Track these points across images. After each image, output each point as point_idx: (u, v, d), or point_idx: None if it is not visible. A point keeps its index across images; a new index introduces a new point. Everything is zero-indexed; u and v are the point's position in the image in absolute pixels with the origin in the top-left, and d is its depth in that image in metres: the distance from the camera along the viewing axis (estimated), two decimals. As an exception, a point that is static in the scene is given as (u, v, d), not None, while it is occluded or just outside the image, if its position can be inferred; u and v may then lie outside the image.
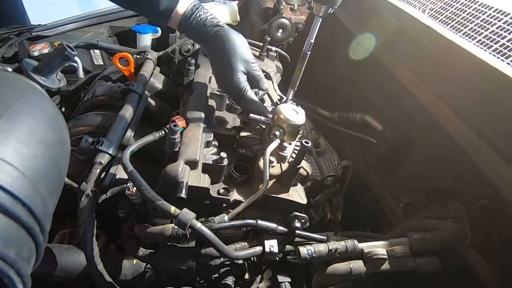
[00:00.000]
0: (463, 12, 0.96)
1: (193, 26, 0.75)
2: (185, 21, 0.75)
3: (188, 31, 0.77)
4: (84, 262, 0.65)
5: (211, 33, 0.75)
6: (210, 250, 0.68)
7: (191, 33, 0.78)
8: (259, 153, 0.76)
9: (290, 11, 1.53)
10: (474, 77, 0.80)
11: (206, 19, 0.75)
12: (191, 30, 0.76)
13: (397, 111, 1.06)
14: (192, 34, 0.78)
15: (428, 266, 0.70)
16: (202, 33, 0.75)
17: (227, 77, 0.75)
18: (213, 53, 0.77)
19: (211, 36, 0.75)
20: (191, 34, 0.78)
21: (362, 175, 1.16)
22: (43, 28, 1.28)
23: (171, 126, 0.64)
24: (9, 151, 0.36)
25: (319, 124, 1.35)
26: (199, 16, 0.75)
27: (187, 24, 0.75)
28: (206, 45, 0.78)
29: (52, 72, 0.94)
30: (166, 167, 0.64)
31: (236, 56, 0.74)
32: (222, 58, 0.75)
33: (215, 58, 0.77)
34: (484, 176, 0.69)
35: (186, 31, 0.78)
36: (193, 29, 0.75)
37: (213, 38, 0.75)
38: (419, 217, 0.88)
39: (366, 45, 1.18)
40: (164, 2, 0.72)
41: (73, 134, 0.78)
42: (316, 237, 0.73)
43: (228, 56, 0.74)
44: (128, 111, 0.80)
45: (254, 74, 0.79)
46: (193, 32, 0.76)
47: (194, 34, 0.77)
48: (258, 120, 0.76)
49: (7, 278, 0.33)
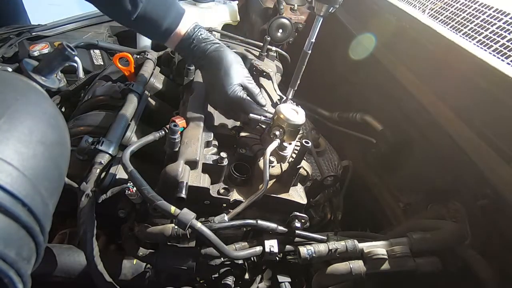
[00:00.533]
0: (463, 12, 0.96)
1: (193, 45, 0.77)
2: (185, 41, 0.77)
3: (185, 50, 0.79)
4: (84, 262, 0.65)
5: (209, 49, 0.77)
6: (210, 250, 0.68)
7: (187, 52, 0.79)
8: (259, 153, 0.76)
9: (290, 11, 1.53)
10: (474, 77, 0.80)
11: (206, 38, 0.78)
12: (189, 49, 0.78)
13: (397, 111, 1.06)
14: (189, 53, 0.79)
15: (428, 266, 0.70)
16: (201, 51, 0.78)
17: (225, 88, 0.75)
18: (210, 67, 0.78)
19: (208, 53, 0.77)
20: (187, 53, 0.80)
21: (362, 175, 1.16)
22: (43, 28, 1.28)
23: (171, 126, 0.64)
24: (9, 151, 0.36)
25: (319, 124, 1.35)
26: (200, 35, 0.78)
27: (187, 43, 0.77)
28: (203, 61, 0.79)
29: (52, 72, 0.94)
30: (166, 167, 0.64)
31: (233, 68, 0.76)
32: (219, 71, 0.76)
33: (212, 71, 0.78)
34: (484, 176, 0.69)
35: (183, 50, 0.80)
36: (192, 48, 0.78)
37: (211, 54, 0.77)
38: (419, 217, 0.88)
39: (366, 45, 1.18)
40: (166, 23, 0.74)
41: (73, 134, 0.78)
42: (316, 237, 0.73)
43: (225, 69, 0.76)
44: (128, 111, 0.80)
45: (250, 88, 0.79)
46: (190, 51, 0.78)
47: (191, 53, 0.79)
48: (258, 120, 0.76)
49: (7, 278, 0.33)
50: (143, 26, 0.75)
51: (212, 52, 0.77)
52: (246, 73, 0.80)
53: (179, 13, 0.76)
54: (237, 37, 1.25)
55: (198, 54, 0.78)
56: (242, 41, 1.24)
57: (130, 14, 0.70)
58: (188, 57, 0.82)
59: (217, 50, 0.77)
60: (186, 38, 0.77)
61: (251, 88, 0.80)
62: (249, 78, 0.80)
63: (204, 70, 0.81)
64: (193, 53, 0.79)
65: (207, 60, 0.78)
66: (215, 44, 0.78)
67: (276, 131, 0.72)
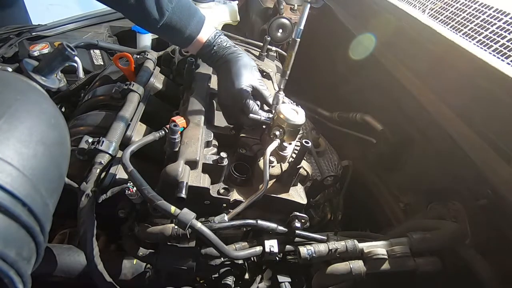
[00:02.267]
0: (463, 12, 0.96)
1: (213, 51, 0.82)
2: (206, 47, 0.82)
3: (206, 55, 0.83)
4: (84, 262, 0.65)
5: (227, 53, 0.81)
6: (210, 250, 0.68)
7: (208, 57, 0.84)
8: (259, 153, 0.76)
9: (290, 11, 1.53)
10: (474, 77, 0.80)
11: (227, 46, 0.82)
12: (210, 54, 0.82)
13: (397, 111, 1.06)
14: (209, 58, 0.84)
15: (428, 266, 0.70)
16: (220, 56, 0.82)
17: (234, 84, 0.77)
18: (225, 69, 0.81)
19: (226, 57, 0.81)
20: (208, 57, 0.84)
21: (362, 175, 1.16)
22: (43, 28, 1.28)
23: (171, 126, 0.65)
24: (9, 151, 0.36)
25: (319, 124, 1.35)
26: (221, 42, 0.82)
27: (208, 49, 0.82)
28: (220, 63, 0.82)
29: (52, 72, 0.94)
30: (166, 167, 0.64)
31: (246, 70, 0.79)
32: (232, 70, 0.79)
33: (226, 71, 0.80)
34: (484, 176, 0.69)
35: (204, 55, 0.84)
36: (212, 54, 0.82)
37: (228, 57, 0.81)
38: (419, 217, 0.88)
39: (366, 45, 1.18)
40: (189, 30, 0.78)
41: (73, 134, 0.78)
42: (316, 237, 0.73)
43: (238, 69, 0.79)
44: (128, 111, 0.80)
45: (261, 90, 0.81)
46: (210, 56, 0.83)
47: (210, 57, 0.83)
48: (258, 120, 0.76)
49: (7, 278, 0.33)
50: (168, 33, 0.79)
51: (229, 55, 0.81)
52: (258, 76, 0.82)
53: (200, 20, 0.80)
54: (237, 37, 1.25)
55: (217, 58, 0.82)
56: (242, 41, 1.24)
57: (156, 23, 0.74)
58: (208, 61, 0.86)
59: (235, 53, 0.81)
60: (207, 44, 0.81)
61: (261, 90, 0.81)
62: (261, 81, 0.82)
63: (219, 72, 0.84)
64: (212, 58, 0.83)
65: (223, 63, 0.81)
66: (234, 50, 0.82)
67: (276, 131, 0.72)
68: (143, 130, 0.84)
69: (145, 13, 0.73)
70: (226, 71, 0.80)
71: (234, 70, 0.79)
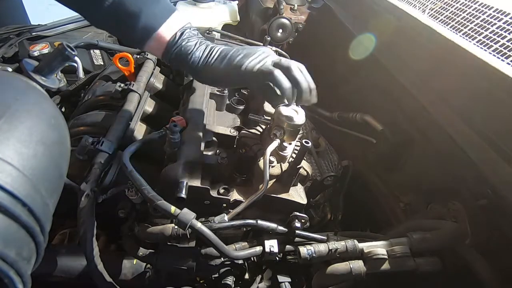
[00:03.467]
0: (463, 12, 0.96)
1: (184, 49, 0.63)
2: (171, 46, 0.63)
3: (177, 58, 0.65)
4: (84, 262, 0.65)
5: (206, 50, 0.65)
6: (210, 250, 0.68)
7: (180, 60, 0.65)
8: (259, 153, 0.75)
9: (290, 11, 1.53)
10: (474, 77, 0.80)
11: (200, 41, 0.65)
12: (182, 56, 0.64)
13: (397, 111, 1.06)
14: (181, 60, 0.65)
15: (428, 266, 0.70)
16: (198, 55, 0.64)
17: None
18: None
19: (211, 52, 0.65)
20: (180, 60, 0.65)
21: (362, 175, 1.16)
22: (43, 28, 1.28)
23: (171, 126, 0.65)
24: (9, 151, 0.36)
25: (319, 124, 1.35)
26: (189, 37, 0.65)
27: (176, 49, 0.63)
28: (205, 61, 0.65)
29: (52, 72, 0.94)
30: (166, 167, 0.64)
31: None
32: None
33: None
34: (484, 176, 0.69)
35: (175, 59, 0.65)
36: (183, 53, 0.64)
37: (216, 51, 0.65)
38: (419, 217, 0.88)
39: (366, 45, 1.18)
40: (145, 18, 0.60)
41: (73, 134, 0.78)
42: (316, 237, 0.73)
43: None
44: (128, 111, 0.80)
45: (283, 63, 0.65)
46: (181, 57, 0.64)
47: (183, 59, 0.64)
48: (258, 120, 0.76)
49: (7, 278, 0.33)
50: (117, 19, 0.59)
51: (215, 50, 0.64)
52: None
53: (167, 9, 0.61)
54: (237, 37, 1.25)
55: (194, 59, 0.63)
56: (242, 41, 1.24)
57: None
58: (185, 66, 0.65)
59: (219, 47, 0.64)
60: (172, 43, 0.62)
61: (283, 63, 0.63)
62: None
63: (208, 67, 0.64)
64: (185, 60, 0.63)
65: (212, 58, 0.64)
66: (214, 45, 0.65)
67: (276, 131, 0.72)
68: (143, 130, 0.84)
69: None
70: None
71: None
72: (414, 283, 0.75)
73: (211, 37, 1.11)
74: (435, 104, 0.87)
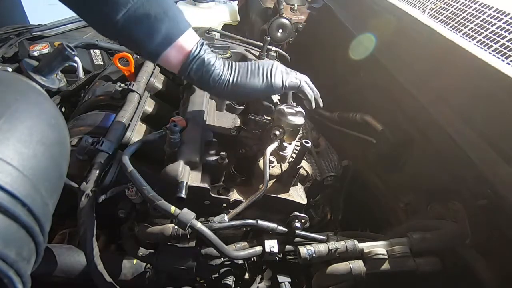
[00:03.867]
0: (463, 12, 0.96)
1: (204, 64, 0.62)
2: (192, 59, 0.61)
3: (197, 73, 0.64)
4: (84, 262, 0.65)
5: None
6: (210, 250, 0.68)
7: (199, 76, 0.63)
8: (259, 153, 0.76)
9: (290, 11, 1.53)
10: (474, 77, 0.80)
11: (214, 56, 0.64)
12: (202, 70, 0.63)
13: (397, 111, 1.06)
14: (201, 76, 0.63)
15: (428, 266, 0.70)
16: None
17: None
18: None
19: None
20: (199, 76, 0.64)
21: (362, 175, 1.16)
22: (43, 28, 1.28)
23: (171, 126, 0.65)
24: (9, 151, 0.36)
25: (319, 124, 1.35)
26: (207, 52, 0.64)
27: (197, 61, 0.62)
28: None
29: (52, 72, 0.94)
30: (166, 167, 0.64)
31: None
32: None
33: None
34: (484, 176, 0.69)
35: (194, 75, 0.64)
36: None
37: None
38: (419, 217, 0.88)
39: (366, 45, 1.18)
40: (166, 28, 0.58)
41: (73, 134, 0.78)
42: (316, 237, 0.73)
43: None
44: (128, 111, 0.80)
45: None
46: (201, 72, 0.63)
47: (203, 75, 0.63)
48: (258, 120, 0.76)
49: (7, 278, 0.33)
50: (133, 30, 0.55)
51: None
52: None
53: (185, 22, 0.59)
54: (237, 37, 1.25)
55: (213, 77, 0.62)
56: (242, 41, 1.24)
57: (119, 11, 0.51)
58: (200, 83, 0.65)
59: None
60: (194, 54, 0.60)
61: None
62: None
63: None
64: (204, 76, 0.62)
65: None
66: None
67: (276, 131, 0.72)
68: (143, 130, 0.84)
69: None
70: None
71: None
72: (414, 283, 0.75)
73: (211, 37, 1.11)
74: (435, 104, 0.87)
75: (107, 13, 0.52)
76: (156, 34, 0.55)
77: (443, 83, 0.89)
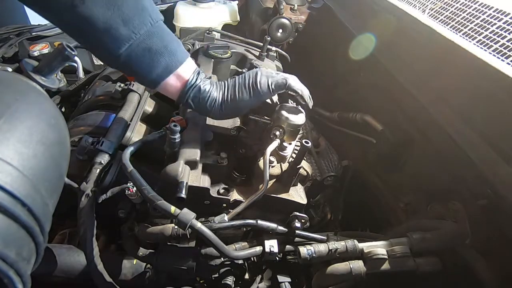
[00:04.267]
0: (463, 12, 0.96)
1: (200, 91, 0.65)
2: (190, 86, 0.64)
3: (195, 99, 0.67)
4: (84, 262, 0.65)
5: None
6: (210, 250, 0.68)
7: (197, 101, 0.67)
8: (259, 153, 0.76)
9: (290, 11, 1.53)
10: (474, 77, 0.80)
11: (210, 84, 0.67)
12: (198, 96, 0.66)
13: (397, 111, 1.06)
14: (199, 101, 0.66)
15: (428, 266, 0.70)
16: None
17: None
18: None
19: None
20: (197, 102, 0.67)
21: (362, 175, 1.16)
22: (43, 28, 1.28)
23: (171, 126, 0.65)
24: (9, 151, 0.36)
25: (319, 124, 1.35)
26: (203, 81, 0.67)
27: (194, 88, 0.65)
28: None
29: (52, 72, 0.94)
30: (166, 167, 0.64)
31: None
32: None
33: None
34: (484, 176, 0.69)
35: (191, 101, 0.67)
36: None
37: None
38: (419, 217, 0.88)
39: (366, 45, 1.18)
40: (167, 58, 0.61)
41: (73, 134, 0.78)
42: (316, 237, 0.73)
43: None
44: (128, 111, 0.80)
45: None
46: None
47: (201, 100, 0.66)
48: (258, 120, 0.76)
49: (7, 278, 0.33)
50: (134, 61, 0.58)
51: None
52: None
53: (184, 53, 0.63)
54: (237, 37, 1.25)
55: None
56: (242, 41, 1.24)
57: (125, 42, 0.55)
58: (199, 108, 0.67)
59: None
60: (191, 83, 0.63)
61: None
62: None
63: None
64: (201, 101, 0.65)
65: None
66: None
67: (276, 131, 0.72)
68: (143, 130, 0.84)
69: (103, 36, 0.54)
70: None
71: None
72: (414, 283, 0.75)
73: (211, 37, 1.11)
74: (435, 104, 0.87)
75: (109, 48, 0.56)
76: (156, 66, 0.60)
77: (443, 83, 0.89)
